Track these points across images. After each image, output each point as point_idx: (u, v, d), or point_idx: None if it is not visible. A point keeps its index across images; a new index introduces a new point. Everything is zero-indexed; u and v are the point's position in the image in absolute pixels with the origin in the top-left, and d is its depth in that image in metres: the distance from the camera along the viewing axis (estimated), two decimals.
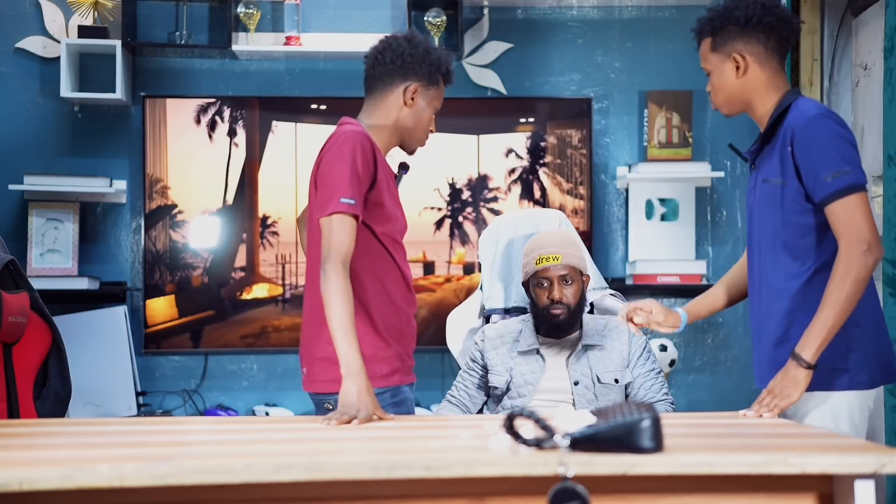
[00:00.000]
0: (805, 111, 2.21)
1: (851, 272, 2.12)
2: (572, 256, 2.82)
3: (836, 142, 2.15)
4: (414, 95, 2.54)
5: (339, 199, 2.31)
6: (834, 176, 2.13)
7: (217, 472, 1.60)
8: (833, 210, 2.15)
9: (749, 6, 2.28)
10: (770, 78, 2.31)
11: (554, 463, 1.62)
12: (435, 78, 2.55)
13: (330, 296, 2.23)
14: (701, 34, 2.37)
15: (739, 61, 2.30)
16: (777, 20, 2.28)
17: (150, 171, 4.30)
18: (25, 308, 2.81)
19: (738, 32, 2.29)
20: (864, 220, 2.13)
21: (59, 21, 4.35)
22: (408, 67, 2.53)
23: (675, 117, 4.43)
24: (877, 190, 3.84)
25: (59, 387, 2.85)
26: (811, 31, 4.24)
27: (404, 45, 2.53)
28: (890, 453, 1.66)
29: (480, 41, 4.47)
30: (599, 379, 2.79)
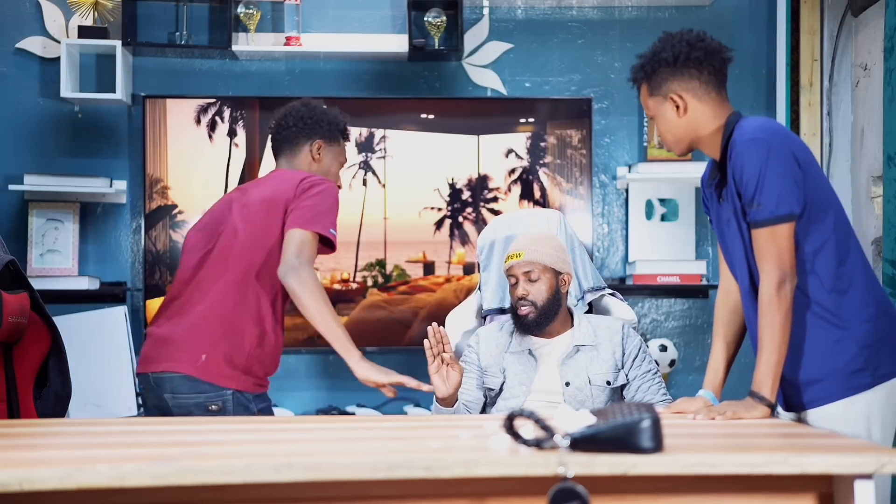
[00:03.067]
0: (741, 135, 2.23)
1: (773, 307, 2.19)
2: (538, 253, 2.81)
3: (763, 167, 2.18)
4: (320, 151, 2.84)
5: (330, 228, 2.62)
6: (755, 206, 2.19)
7: (217, 472, 1.59)
8: (754, 237, 2.22)
9: (675, 45, 2.30)
10: (713, 110, 2.32)
11: (554, 463, 1.62)
12: (335, 135, 2.87)
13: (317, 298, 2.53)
14: (637, 82, 2.38)
15: (678, 100, 2.31)
16: (704, 53, 2.30)
17: (150, 172, 4.30)
18: (25, 308, 2.81)
19: (670, 73, 2.31)
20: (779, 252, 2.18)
21: (59, 21, 4.35)
22: (309, 128, 2.83)
23: None
24: (877, 190, 3.84)
25: (59, 387, 2.84)
26: (811, 31, 4.24)
27: (302, 109, 2.85)
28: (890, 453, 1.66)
29: (480, 41, 4.47)
30: (591, 380, 2.78)
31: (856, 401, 2.22)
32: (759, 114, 4.45)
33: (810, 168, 2.25)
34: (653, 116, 2.38)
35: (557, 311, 2.82)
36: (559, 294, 2.82)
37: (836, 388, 2.22)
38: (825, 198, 2.27)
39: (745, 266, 2.33)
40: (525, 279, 2.81)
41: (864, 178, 3.98)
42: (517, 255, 2.82)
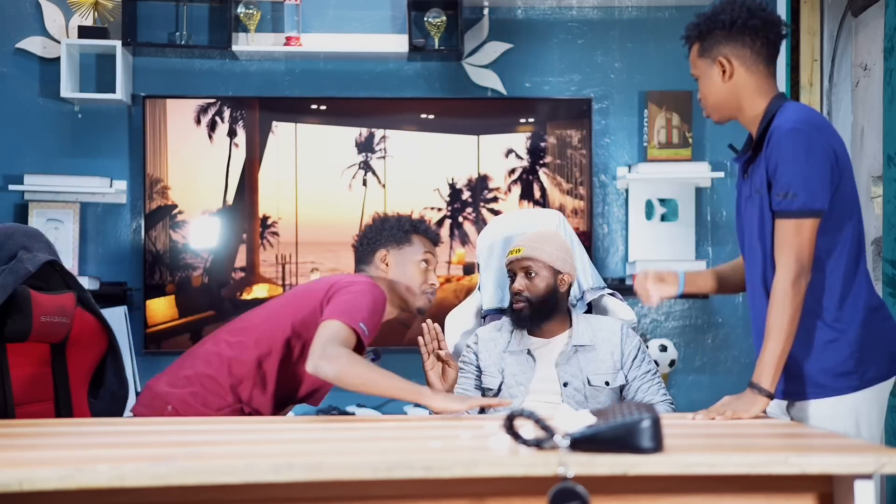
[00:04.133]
0: (784, 121, 2.22)
1: (787, 300, 2.18)
2: (537, 250, 2.81)
3: (801, 159, 2.17)
4: (385, 259, 2.70)
5: (360, 322, 2.39)
6: (785, 196, 2.18)
7: (217, 472, 1.59)
8: (778, 227, 2.21)
9: (734, 10, 2.27)
10: (758, 82, 2.31)
11: (554, 463, 1.62)
12: (401, 236, 2.72)
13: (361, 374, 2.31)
14: (689, 40, 2.36)
15: (725, 65, 2.29)
16: (762, 23, 2.27)
17: (150, 172, 4.30)
18: (66, 308, 2.78)
19: (724, 36, 2.28)
20: (801, 246, 2.18)
21: (60, 21, 4.35)
22: (374, 241, 2.73)
23: (675, 118, 4.43)
24: (877, 190, 3.84)
25: (115, 387, 2.84)
26: (811, 32, 4.24)
27: (377, 225, 2.76)
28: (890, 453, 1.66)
29: (480, 41, 4.47)
30: (589, 381, 2.77)
31: (843, 401, 2.23)
32: None
33: (846, 170, 2.25)
34: (697, 77, 2.35)
35: (553, 309, 2.81)
36: (556, 293, 2.82)
37: (824, 387, 2.24)
38: (850, 202, 2.26)
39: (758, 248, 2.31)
40: (523, 274, 2.81)
41: (864, 178, 3.98)
42: (517, 251, 2.83)
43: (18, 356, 2.77)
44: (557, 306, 2.83)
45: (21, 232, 2.84)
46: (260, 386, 2.53)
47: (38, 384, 2.81)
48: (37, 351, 2.81)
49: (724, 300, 4.48)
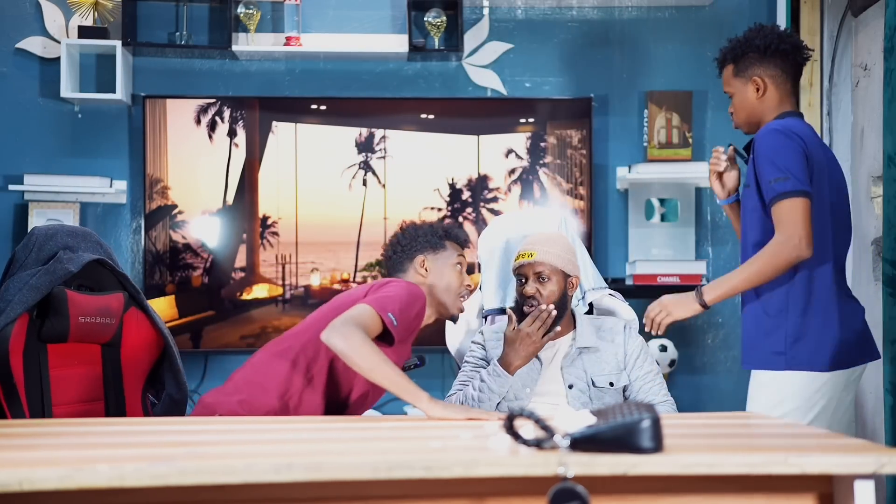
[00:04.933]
0: (766, 126, 2.57)
1: (774, 259, 2.48)
2: (549, 254, 2.81)
3: (782, 151, 2.48)
4: (424, 265, 2.72)
5: (389, 312, 2.40)
6: (776, 181, 2.48)
7: (217, 472, 1.59)
8: (776, 209, 2.48)
9: (767, 35, 2.63)
10: (782, 98, 2.66)
11: (554, 463, 1.62)
12: (436, 242, 2.75)
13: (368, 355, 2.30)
14: (724, 62, 2.70)
15: (760, 84, 2.64)
16: (791, 48, 2.64)
17: (150, 172, 4.31)
18: (111, 309, 2.77)
19: (758, 59, 2.64)
20: (801, 221, 2.46)
21: (59, 21, 4.35)
22: (411, 247, 2.74)
23: (675, 118, 4.43)
24: (877, 190, 3.84)
25: (174, 390, 2.83)
26: (811, 32, 4.24)
27: (399, 235, 2.79)
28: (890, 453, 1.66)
29: (480, 41, 4.47)
30: (594, 382, 2.78)
31: (770, 375, 2.59)
32: None
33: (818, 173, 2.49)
34: (731, 94, 2.70)
35: (563, 313, 2.82)
36: (566, 297, 2.82)
37: (758, 360, 2.61)
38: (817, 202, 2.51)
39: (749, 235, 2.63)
40: (535, 279, 2.80)
41: (864, 178, 3.98)
42: (529, 255, 2.81)
43: (64, 356, 2.77)
44: (566, 310, 2.83)
45: (65, 232, 2.82)
46: (309, 389, 2.51)
47: (87, 384, 2.79)
48: (86, 351, 2.80)
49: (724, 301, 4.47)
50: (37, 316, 2.68)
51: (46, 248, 2.75)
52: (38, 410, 2.64)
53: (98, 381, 2.82)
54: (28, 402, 2.60)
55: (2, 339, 2.57)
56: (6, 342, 2.56)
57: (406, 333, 2.51)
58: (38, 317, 2.68)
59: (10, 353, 2.56)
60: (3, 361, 2.56)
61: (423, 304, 2.55)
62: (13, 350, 2.58)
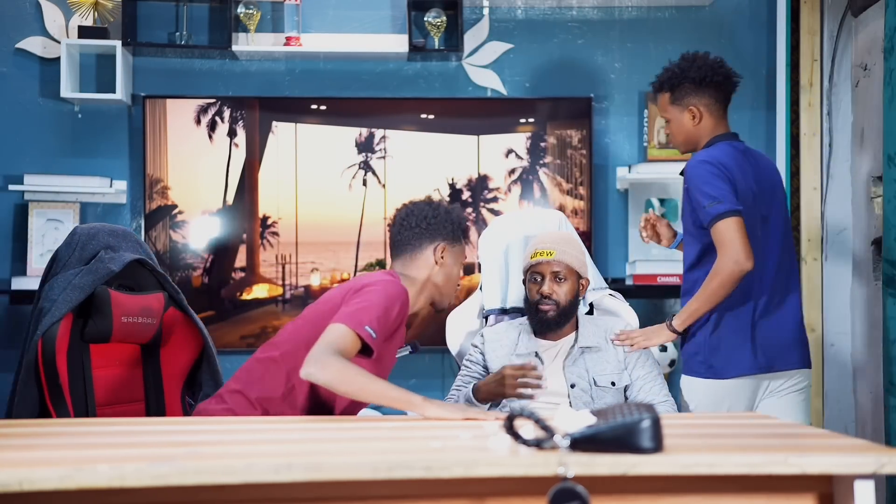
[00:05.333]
0: (694, 158, 2.81)
1: (720, 277, 2.69)
2: (567, 255, 2.81)
3: (710, 179, 2.72)
4: (444, 254, 2.65)
5: (366, 326, 2.35)
6: (710, 205, 2.70)
7: (217, 472, 1.59)
8: (714, 231, 2.71)
9: (701, 67, 2.85)
10: (716, 123, 2.89)
11: (554, 463, 1.62)
12: (458, 236, 2.70)
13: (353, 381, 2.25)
14: (660, 89, 2.92)
15: (696, 112, 2.87)
16: (724, 78, 2.86)
17: (150, 172, 4.31)
18: (152, 309, 2.76)
19: (694, 89, 2.86)
20: (738, 238, 2.67)
21: (59, 21, 4.35)
22: (434, 229, 2.65)
23: None
24: (877, 190, 3.84)
25: (211, 390, 2.81)
26: (811, 32, 4.24)
27: (426, 209, 2.68)
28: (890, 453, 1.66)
29: (480, 41, 4.47)
30: (596, 382, 2.78)
31: (692, 381, 2.84)
32: (759, 114, 4.46)
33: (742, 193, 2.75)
34: (668, 119, 2.91)
35: (574, 313, 2.83)
36: (577, 298, 2.84)
37: (688, 368, 2.86)
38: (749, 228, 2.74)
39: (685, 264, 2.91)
40: (552, 278, 2.81)
41: (864, 178, 3.98)
42: (548, 254, 2.81)
43: (106, 357, 2.75)
44: (576, 311, 2.85)
45: (107, 231, 2.80)
46: (289, 401, 2.47)
47: (128, 385, 2.78)
48: (127, 351, 2.79)
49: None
50: (79, 315, 2.66)
51: (88, 247, 2.73)
52: (81, 411, 2.62)
53: (138, 381, 2.80)
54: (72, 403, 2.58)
55: (48, 338, 2.54)
56: (53, 342, 2.54)
57: (388, 335, 2.47)
58: (80, 316, 2.66)
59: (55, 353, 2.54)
60: (50, 362, 2.53)
61: (403, 302, 2.50)
62: (58, 350, 2.55)
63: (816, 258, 4.23)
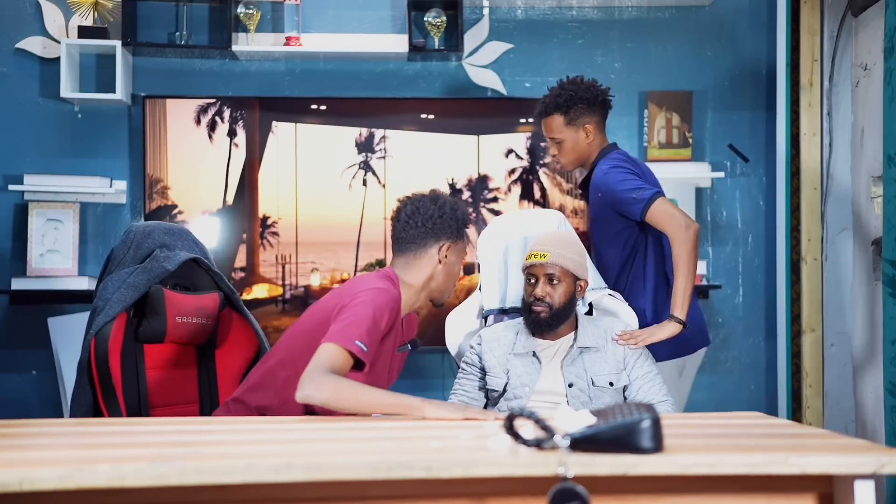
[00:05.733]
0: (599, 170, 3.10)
1: (685, 245, 2.87)
2: (562, 257, 2.81)
3: (623, 177, 3.03)
4: (447, 252, 2.65)
5: (356, 340, 2.33)
6: (636, 197, 2.96)
7: (217, 472, 1.60)
8: (650, 215, 2.95)
9: (590, 88, 3.14)
10: (602, 139, 3.19)
11: (554, 463, 1.62)
12: (461, 233, 2.70)
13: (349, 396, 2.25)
14: (550, 112, 3.17)
15: (590, 131, 3.16)
16: (606, 97, 3.18)
17: (150, 172, 4.30)
18: (207, 309, 2.73)
19: (587, 109, 3.14)
20: (674, 209, 2.94)
21: (59, 21, 4.35)
22: (439, 228, 2.65)
23: (675, 118, 4.43)
24: (877, 190, 3.84)
25: None
26: (811, 32, 4.24)
27: (432, 207, 2.66)
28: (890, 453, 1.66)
29: (480, 41, 4.47)
30: (594, 381, 2.78)
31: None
32: (759, 114, 4.47)
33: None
34: (561, 140, 3.16)
35: (569, 315, 2.83)
36: (573, 299, 2.83)
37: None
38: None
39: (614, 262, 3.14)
40: (546, 280, 2.80)
41: (864, 178, 3.98)
42: (542, 256, 2.81)
43: (160, 357, 2.72)
44: (572, 312, 2.84)
45: (162, 230, 2.77)
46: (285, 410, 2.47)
47: (182, 386, 2.75)
48: (181, 352, 2.75)
49: (724, 300, 4.49)
50: (133, 315, 2.64)
51: (144, 245, 2.70)
52: (134, 411, 2.59)
53: (192, 382, 2.77)
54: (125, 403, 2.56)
55: (101, 338, 2.51)
56: (106, 342, 2.51)
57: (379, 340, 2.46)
58: (134, 316, 2.63)
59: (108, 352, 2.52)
60: (103, 361, 2.51)
61: (392, 309, 2.48)
62: (111, 350, 2.53)
63: (816, 258, 4.23)
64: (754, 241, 4.48)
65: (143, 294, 2.61)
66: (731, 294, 4.48)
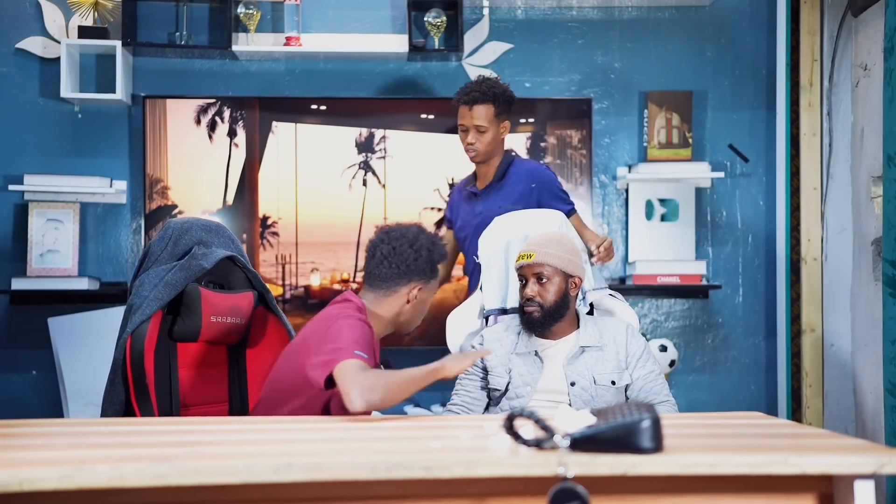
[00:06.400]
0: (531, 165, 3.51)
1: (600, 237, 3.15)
2: (549, 255, 2.80)
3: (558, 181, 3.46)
4: (417, 293, 2.65)
5: (356, 351, 2.36)
6: (566, 201, 3.42)
7: (217, 472, 1.60)
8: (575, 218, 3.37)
9: (508, 90, 3.40)
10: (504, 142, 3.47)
11: (554, 463, 1.62)
12: (434, 273, 2.69)
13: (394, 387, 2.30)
14: (486, 100, 3.32)
15: (507, 127, 3.41)
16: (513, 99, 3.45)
17: (150, 172, 4.30)
18: (241, 308, 2.71)
19: (508, 107, 3.39)
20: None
21: (60, 21, 4.35)
22: (412, 271, 2.63)
23: (675, 118, 4.43)
24: (877, 190, 3.84)
25: None
26: (811, 32, 4.24)
27: (408, 251, 2.63)
28: (890, 453, 1.66)
29: (480, 41, 4.47)
30: (596, 380, 2.78)
31: None
32: (759, 114, 4.47)
33: None
34: (485, 129, 3.33)
35: (564, 313, 2.82)
36: (567, 297, 2.82)
37: None
38: None
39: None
40: (535, 280, 2.80)
41: (864, 178, 3.98)
42: (528, 256, 2.81)
43: (192, 356, 2.69)
44: (568, 310, 2.83)
45: (200, 226, 2.74)
46: None
47: (213, 385, 2.73)
48: (213, 351, 2.73)
49: (725, 300, 4.49)
50: (168, 312, 2.61)
51: (182, 242, 2.67)
52: (166, 410, 2.57)
53: (223, 382, 2.75)
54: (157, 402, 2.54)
55: (137, 337, 2.49)
56: (142, 341, 2.48)
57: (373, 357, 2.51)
58: (168, 313, 2.61)
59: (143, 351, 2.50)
60: (138, 361, 2.49)
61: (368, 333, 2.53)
62: (146, 349, 2.49)
63: (816, 258, 4.23)
64: (754, 241, 4.48)
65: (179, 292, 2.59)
66: (731, 294, 4.48)
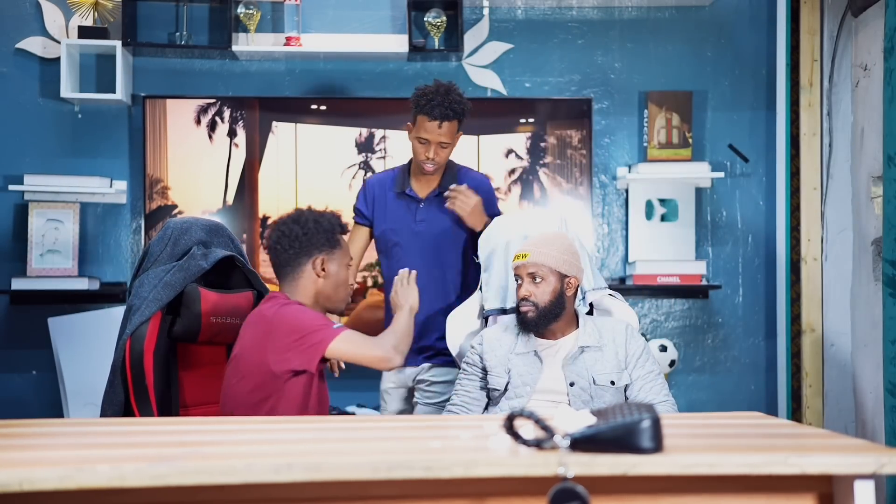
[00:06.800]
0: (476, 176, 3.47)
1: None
2: (543, 255, 2.81)
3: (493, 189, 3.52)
4: (324, 265, 2.66)
5: (333, 325, 2.54)
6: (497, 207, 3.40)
7: (217, 472, 1.59)
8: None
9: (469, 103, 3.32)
10: None
11: (554, 463, 1.62)
12: (334, 242, 2.69)
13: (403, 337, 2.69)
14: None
15: (457, 140, 3.34)
16: None
17: (150, 172, 4.30)
18: (240, 309, 2.71)
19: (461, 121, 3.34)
20: None
21: (60, 21, 4.35)
22: (306, 245, 2.65)
23: (675, 118, 4.43)
24: (877, 190, 3.84)
25: None
26: (811, 32, 4.24)
27: (294, 228, 2.66)
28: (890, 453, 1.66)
29: (480, 41, 4.47)
30: (595, 380, 2.79)
31: None
32: (759, 114, 4.47)
33: None
34: (447, 145, 3.29)
35: (560, 312, 2.82)
36: (563, 296, 2.82)
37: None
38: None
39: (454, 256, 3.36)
40: (529, 280, 2.81)
41: (864, 178, 3.98)
42: (523, 256, 2.82)
43: (192, 356, 2.70)
44: (564, 309, 2.83)
45: (200, 226, 2.75)
46: None
47: (212, 386, 2.73)
48: (213, 351, 2.74)
49: (725, 300, 4.49)
50: (167, 312, 2.62)
51: (181, 242, 2.68)
52: (165, 411, 2.58)
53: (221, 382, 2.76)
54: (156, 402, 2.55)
55: (137, 338, 2.50)
56: (141, 342, 2.50)
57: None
58: (168, 313, 2.62)
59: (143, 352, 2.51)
60: (138, 362, 2.49)
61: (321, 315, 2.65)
62: (146, 349, 2.51)
63: (816, 258, 4.23)
64: (754, 241, 4.48)
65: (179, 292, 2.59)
66: (731, 294, 4.48)
